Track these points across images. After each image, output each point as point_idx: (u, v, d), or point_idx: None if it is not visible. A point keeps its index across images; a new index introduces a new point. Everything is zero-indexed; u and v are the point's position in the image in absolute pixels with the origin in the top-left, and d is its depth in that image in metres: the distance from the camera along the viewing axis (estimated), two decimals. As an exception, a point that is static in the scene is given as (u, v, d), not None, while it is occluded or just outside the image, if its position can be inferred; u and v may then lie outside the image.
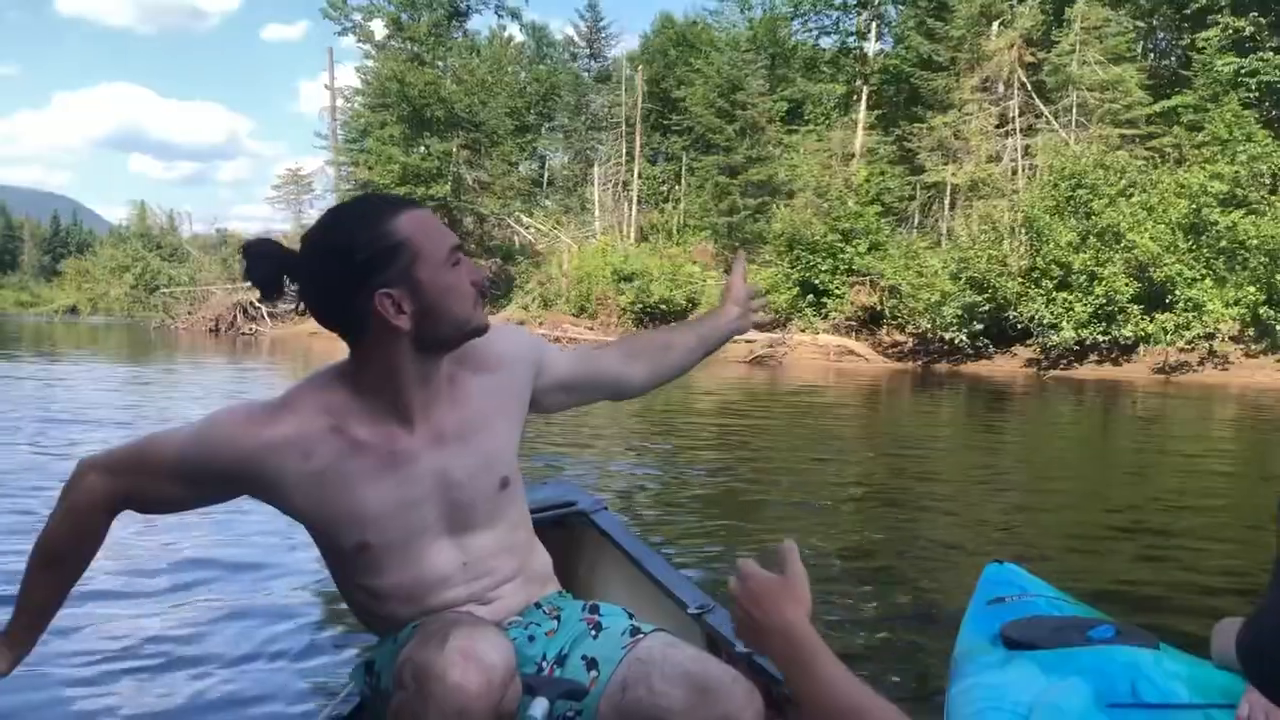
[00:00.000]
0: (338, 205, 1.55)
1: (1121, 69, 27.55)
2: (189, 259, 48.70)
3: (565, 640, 1.63)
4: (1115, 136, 26.86)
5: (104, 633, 3.48)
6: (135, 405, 11.62)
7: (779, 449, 9.39)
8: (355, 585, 1.63)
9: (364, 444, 1.53)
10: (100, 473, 1.57)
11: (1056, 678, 1.63)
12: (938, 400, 16.54)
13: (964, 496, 6.88)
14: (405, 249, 1.45)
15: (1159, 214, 22.34)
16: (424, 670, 1.36)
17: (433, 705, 1.34)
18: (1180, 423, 13.46)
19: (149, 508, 1.63)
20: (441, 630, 1.41)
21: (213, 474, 1.52)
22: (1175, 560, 4.93)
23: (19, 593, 1.63)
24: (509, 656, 1.42)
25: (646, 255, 33.55)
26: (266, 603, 3.96)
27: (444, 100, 36.58)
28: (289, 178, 51.84)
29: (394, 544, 1.58)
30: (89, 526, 1.59)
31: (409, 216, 1.48)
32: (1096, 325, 21.95)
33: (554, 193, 48.07)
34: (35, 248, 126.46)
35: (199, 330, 36.49)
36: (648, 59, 48.07)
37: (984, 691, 1.69)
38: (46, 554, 1.61)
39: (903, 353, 25.43)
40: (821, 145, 34.64)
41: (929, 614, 3.85)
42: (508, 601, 1.67)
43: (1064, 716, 1.53)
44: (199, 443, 1.52)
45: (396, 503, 1.55)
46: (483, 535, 1.64)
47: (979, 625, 2.02)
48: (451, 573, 1.61)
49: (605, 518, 2.73)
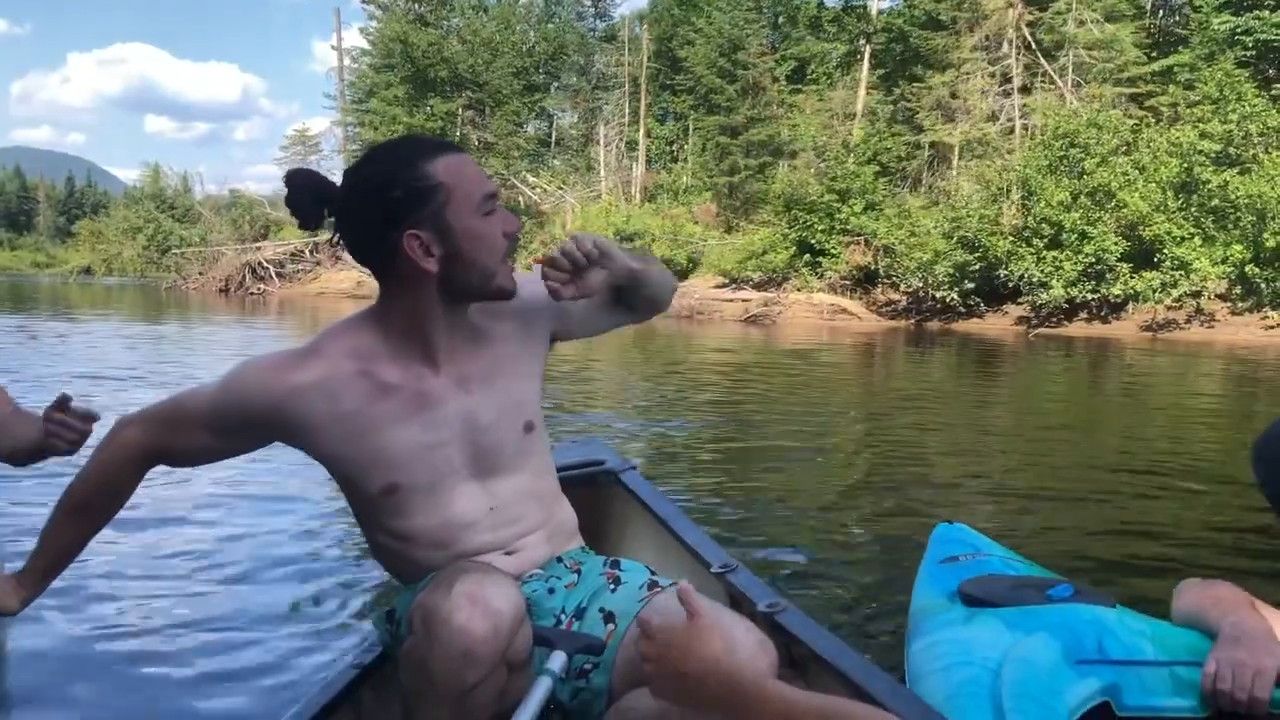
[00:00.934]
0: (380, 143, 1.57)
1: (1117, 28, 27.55)
2: (200, 220, 49.17)
3: (584, 593, 1.64)
4: (1112, 95, 26.95)
5: (128, 583, 3.58)
6: (161, 363, 12.18)
7: (775, 405, 9.57)
8: (382, 530, 1.65)
9: (391, 386, 1.55)
10: (136, 427, 1.63)
11: (1022, 634, 1.65)
12: (928, 358, 16.86)
13: (935, 454, 6.96)
14: (438, 191, 1.46)
15: (1150, 173, 22.53)
16: (431, 614, 1.38)
17: (438, 647, 1.37)
18: (1165, 380, 13.67)
19: (183, 460, 1.68)
20: (451, 576, 1.44)
21: (243, 422, 1.57)
22: (1133, 523, 4.90)
23: (40, 537, 1.71)
24: (518, 604, 1.44)
25: (649, 215, 33.81)
26: (291, 553, 4.03)
27: (447, 60, 36.82)
28: (296, 138, 52.15)
29: (421, 487, 1.59)
30: (119, 479, 1.65)
31: (446, 160, 1.49)
32: (1086, 284, 22.24)
33: (561, 152, 48.20)
34: (50, 209, 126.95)
35: (209, 290, 36.84)
36: (656, 17, 47.99)
37: (950, 647, 1.70)
38: (74, 502, 1.67)
39: (896, 311, 25.78)
40: (824, 105, 34.77)
41: (882, 570, 3.88)
42: (531, 553, 1.69)
43: (1034, 670, 1.54)
44: (229, 392, 1.57)
45: (423, 445, 1.57)
46: (509, 479, 1.66)
47: (934, 583, 2.03)
48: (478, 517, 1.63)
49: (633, 477, 2.76)
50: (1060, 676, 1.52)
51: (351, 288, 32.93)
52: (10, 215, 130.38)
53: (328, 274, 35.59)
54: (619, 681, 1.54)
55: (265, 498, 4.94)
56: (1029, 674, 1.54)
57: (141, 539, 4.12)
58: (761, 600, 2.01)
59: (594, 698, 1.56)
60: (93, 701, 2.70)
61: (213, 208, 49.87)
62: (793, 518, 4.84)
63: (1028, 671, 1.54)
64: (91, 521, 1.69)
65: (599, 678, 1.55)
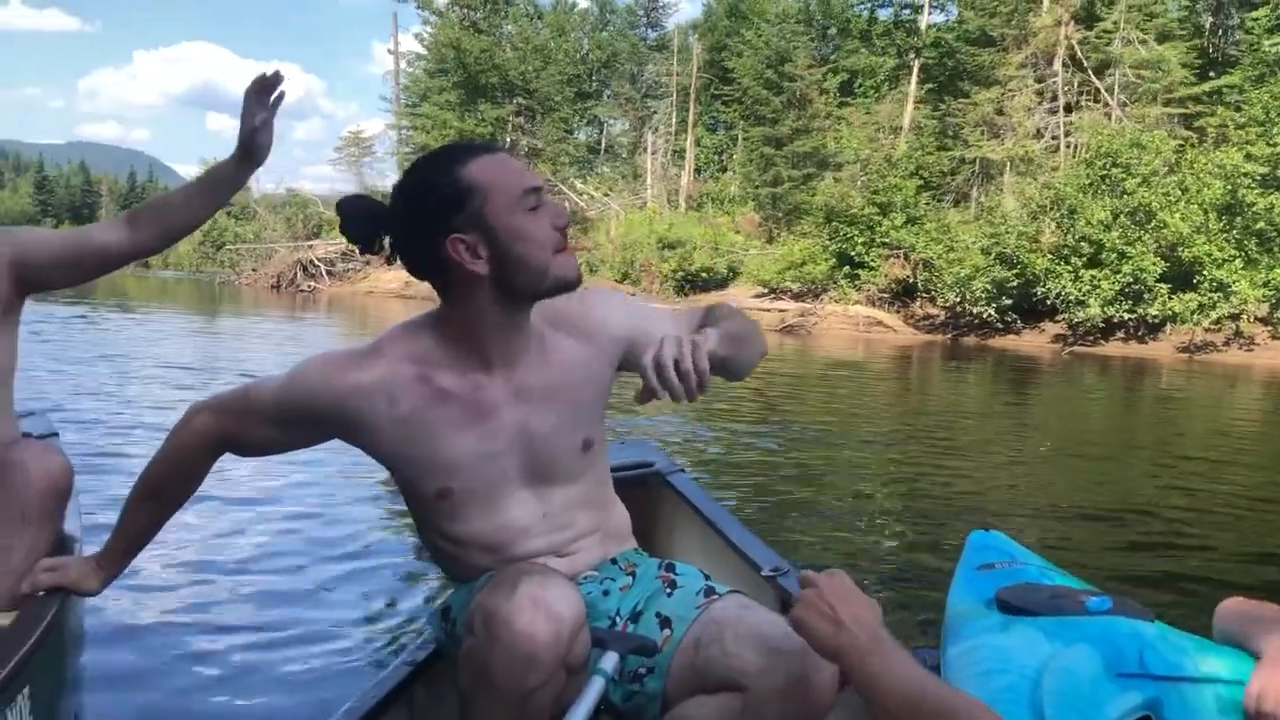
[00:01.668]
0: (423, 154, 1.57)
1: (1164, 48, 27.46)
2: (255, 217, 50.27)
3: (640, 596, 1.64)
4: (1159, 115, 26.87)
5: (189, 574, 3.69)
6: (228, 355, 12.73)
7: (811, 414, 9.81)
8: (436, 532, 1.67)
9: (448, 392, 1.55)
10: (207, 414, 1.66)
11: (1061, 644, 1.62)
12: (964, 373, 16.97)
13: (972, 465, 7.03)
14: (474, 192, 1.45)
15: (1193, 194, 22.46)
16: (493, 616, 1.38)
17: (500, 651, 1.36)
18: (1203, 401, 13.65)
19: (248, 449, 1.68)
20: (513, 578, 1.43)
21: (305, 417, 1.59)
22: (1171, 541, 4.89)
23: (118, 520, 1.77)
24: (578, 608, 1.43)
25: (692, 224, 34.15)
26: (348, 548, 4.12)
27: (498, 67, 37.46)
28: (351, 140, 53.01)
29: (475, 492, 1.60)
30: (191, 464, 1.70)
31: (481, 161, 1.47)
32: (1123, 303, 22.23)
33: (610, 159, 48.70)
34: (113, 203, 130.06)
35: (261, 286, 37.71)
36: (710, 27, 48.37)
37: (988, 653, 1.68)
38: (149, 487, 1.73)
39: (933, 325, 25.87)
40: (870, 118, 34.92)
41: (919, 575, 3.95)
42: (585, 556, 1.70)
43: (1076, 680, 1.52)
44: (293, 386, 1.58)
45: (478, 453, 1.58)
46: (564, 490, 1.66)
47: (971, 590, 2.01)
48: (531, 523, 1.64)
49: (682, 479, 2.76)
50: (1101, 688, 1.50)
51: (399, 287, 33.61)
52: (74, 209, 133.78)
53: (376, 273, 36.30)
54: (674, 687, 1.53)
55: (324, 492, 5.07)
56: (1070, 684, 1.51)
57: (203, 531, 4.23)
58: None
59: (648, 702, 1.56)
60: (150, 691, 2.75)
61: (269, 206, 50.90)
62: (827, 523, 4.93)
63: (1069, 682, 1.52)
64: (165, 505, 1.76)
65: (654, 682, 1.54)
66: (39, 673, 1.85)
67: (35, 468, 1.98)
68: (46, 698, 1.92)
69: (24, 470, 1.96)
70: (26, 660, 1.71)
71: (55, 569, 1.87)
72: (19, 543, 1.92)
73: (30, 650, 1.72)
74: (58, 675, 2.11)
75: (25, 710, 1.74)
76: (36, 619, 1.81)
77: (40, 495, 1.96)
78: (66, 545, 2.14)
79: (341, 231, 1.58)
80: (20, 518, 1.93)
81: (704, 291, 30.32)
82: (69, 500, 2.09)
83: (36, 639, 1.75)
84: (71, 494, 2.11)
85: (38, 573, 1.87)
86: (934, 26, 37.02)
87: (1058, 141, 28.65)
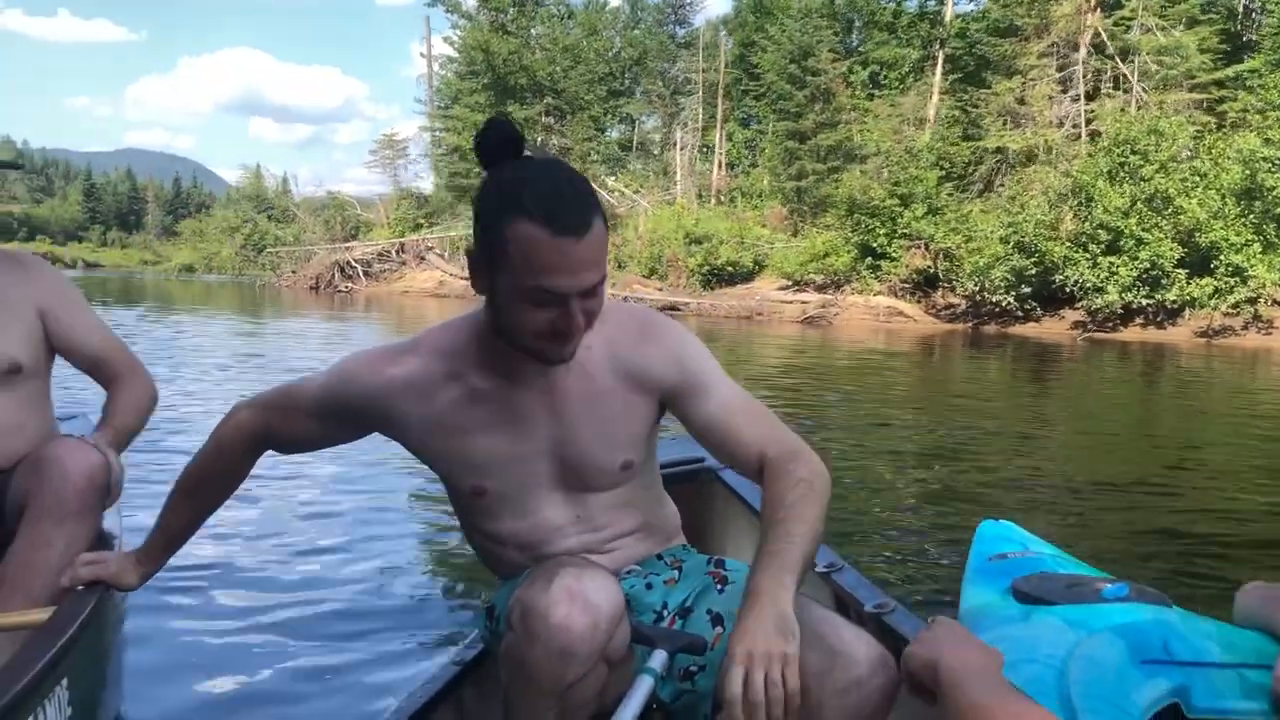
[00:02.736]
0: (527, 163, 1.41)
1: (1180, 34, 27.50)
2: (295, 220, 51.40)
3: (688, 591, 1.63)
4: (1178, 102, 26.91)
5: (239, 568, 3.73)
6: (275, 354, 13.18)
7: (843, 405, 9.91)
8: (475, 529, 1.69)
9: (480, 393, 1.54)
10: (249, 410, 1.69)
11: (1084, 632, 1.59)
12: (984, 360, 17.16)
13: (988, 452, 7.08)
14: (501, 244, 1.36)
15: (1211, 179, 22.58)
16: (529, 610, 1.37)
17: (537, 645, 1.35)
18: (1222, 386, 13.69)
19: (289, 445, 1.70)
20: (549, 571, 1.42)
21: (344, 411, 1.59)
22: (1187, 526, 4.87)
23: (158, 516, 1.79)
24: (616, 599, 1.41)
25: (719, 218, 34.56)
26: (395, 546, 4.15)
27: (526, 68, 38.13)
28: (385, 142, 53.95)
29: (508, 493, 1.60)
30: (233, 460, 1.72)
31: (519, 228, 1.34)
32: (1140, 289, 22.42)
33: (640, 156, 49.24)
34: (158, 209, 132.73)
35: (300, 288, 38.59)
36: (740, 23, 48.71)
37: (1010, 644, 1.61)
38: (191, 482, 1.75)
39: (955, 315, 26.16)
40: (894, 110, 35.14)
41: (931, 565, 3.98)
42: (627, 552, 1.68)
43: (1103, 670, 1.49)
44: (333, 382, 1.60)
45: (509, 454, 1.57)
46: (599, 496, 1.64)
47: (985, 581, 1.96)
48: (565, 523, 1.63)
49: (732, 475, 2.70)
50: (1129, 676, 1.47)
51: (434, 287, 34.49)
52: (121, 215, 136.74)
53: (412, 273, 37.14)
54: None
55: (370, 490, 5.10)
56: (1098, 673, 1.48)
57: (248, 528, 4.27)
58: (869, 601, 2.00)
59: (699, 700, 1.54)
60: (195, 688, 2.76)
61: (309, 209, 51.92)
62: (863, 516, 4.97)
63: (1096, 671, 1.48)
64: (206, 501, 1.78)
65: (705, 681, 1.52)
66: (78, 666, 1.83)
67: (72, 463, 1.98)
68: (86, 692, 1.90)
69: (61, 465, 1.98)
70: (65, 652, 1.69)
71: (95, 563, 1.90)
72: (58, 537, 1.94)
73: (68, 642, 1.71)
74: (97, 670, 2.09)
75: (64, 702, 1.73)
76: (75, 612, 1.81)
77: (78, 491, 1.97)
78: (106, 542, 2.16)
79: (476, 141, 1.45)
80: (59, 513, 1.94)
81: (729, 285, 30.74)
82: (107, 496, 2.09)
83: (74, 631, 1.74)
84: (110, 490, 2.10)
85: (77, 566, 1.89)
86: (959, 16, 37.14)
87: (1078, 130, 28.73)
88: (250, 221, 53.47)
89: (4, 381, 2.14)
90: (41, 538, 1.93)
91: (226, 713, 2.66)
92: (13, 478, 2.09)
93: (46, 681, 1.64)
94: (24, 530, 1.95)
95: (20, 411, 2.17)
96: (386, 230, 43.13)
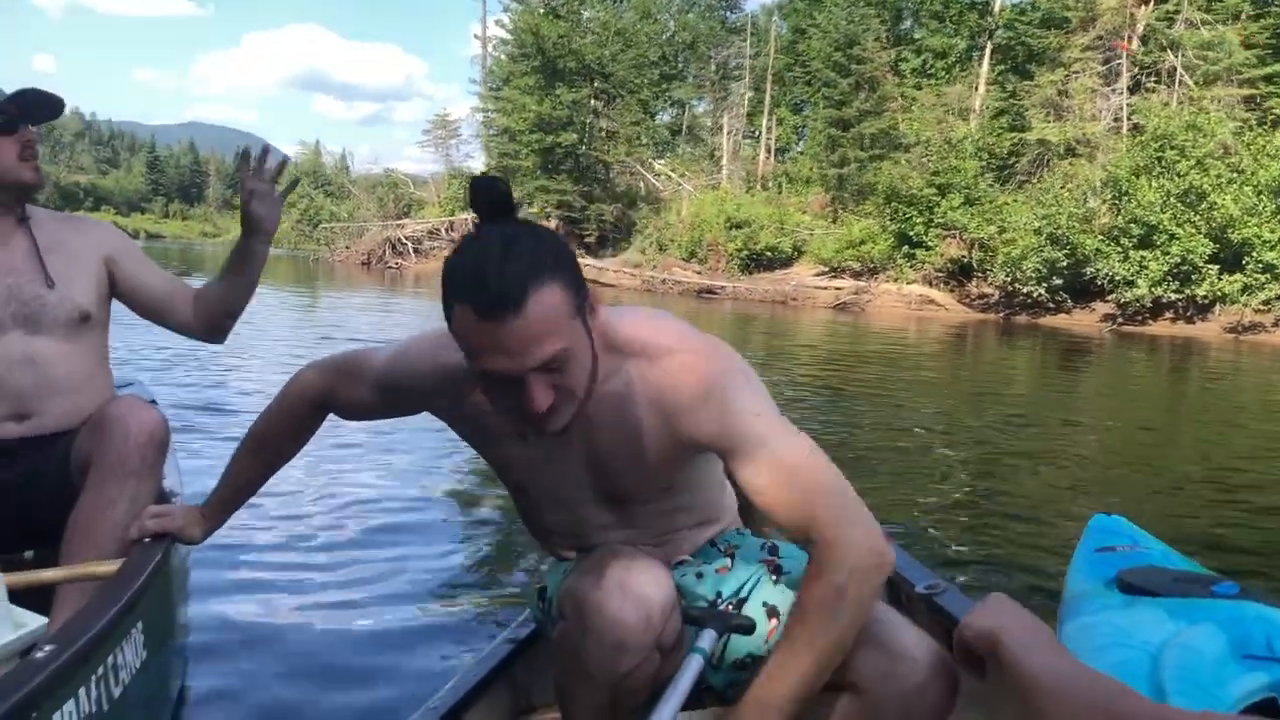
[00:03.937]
0: (463, 248, 1.28)
1: (1225, 30, 27.39)
2: (350, 196, 52.63)
3: (742, 579, 1.58)
4: (1224, 96, 26.85)
5: (290, 554, 3.68)
6: (330, 326, 13.99)
7: (874, 388, 9.97)
8: (523, 517, 1.71)
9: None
10: (315, 371, 1.70)
11: (1185, 623, 1.57)
12: (1014, 350, 17.38)
13: (1052, 447, 6.99)
14: (453, 334, 1.31)
15: (1248, 175, 22.63)
16: (582, 602, 1.38)
17: (591, 638, 1.37)
18: (1254, 380, 13.72)
19: (349, 411, 1.69)
20: (600, 562, 1.43)
21: (399, 388, 1.58)
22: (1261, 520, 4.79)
23: (223, 473, 1.83)
24: (668, 590, 1.42)
25: (760, 204, 34.99)
26: (452, 526, 4.17)
27: (575, 52, 38.75)
28: (438, 123, 54.92)
29: (545, 494, 1.60)
30: (297, 418, 1.74)
31: (455, 311, 1.26)
32: (1170, 283, 22.59)
33: (690, 140, 49.67)
34: (220, 182, 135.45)
35: (352, 263, 39.71)
36: (792, 9, 48.90)
37: (1107, 629, 1.64)
38: (256, 439, 1.78)
39: (987, 304, 26.46)
40: (940, 100, 35.27)
41: (1027, 559, 3.98)
42: (677, 544, 1.65)
43: (1200, 658, 1.47)
44: (394, 359, 1.59)
45: (542, 459, 1.55)
46: (644, 506, 1.60)
47: (1091, 570, 1.95)
48: (608, 523, 1.60)
49: None
50: (1226, 668, 1.44)
51: (480, 265, 35.23)
52: (184, 188, 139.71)
53: (460, 251, 38.04)
54: None
55: (427, 469, 5.14)
56: (1194, 662, 1.46)
57: (304, 505, 4.29)
58: (920, 581, 2.01)
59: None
60: (252, 662, 2.77)
61: (366, 186, 53.06)
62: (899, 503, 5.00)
63: (1193, 659, 1.46)
64: (271, 459, 1.81)
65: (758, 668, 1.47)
66: (151, 612, 1.89)
67: (135, 421, 2.03)
68: (158, 635, 1.97)
69: (124, 424, 2.02)
70: (138, 597, 1.75)
71: (161, 515, 1.96)
72: (121, 495, 1.98)
73: (141, 588, 1.76)
74: (166, 616, 2.16)
75: (140, 644, 1.80)
76: (146, 560, 1.87)
77: (139, 448, 2.00)
78: (167, 498, 2.21)
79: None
80: (122, 471, 1.99)
81: (768, 270, 31.22)
82: (167, 453, 2.13)
83: (145, 579, 1.79)
84: (169, 448, 2.14)
85: (145, 519, 1.96)
86: (1009, 7, 37.09)
87: (1120, 124, 28.77)
88: (306, 197, 54.74)
89: (75, 332, 2.20)
90: (106, 495, 1.97)
91: (286, 676, 2.71)
92: (76, 437, 2.15)
93: (124, 623, 1.71)
94: (89, 488, 2.00)
95: (88, 362, 2.24)
96: (437, 209, 44.16)
